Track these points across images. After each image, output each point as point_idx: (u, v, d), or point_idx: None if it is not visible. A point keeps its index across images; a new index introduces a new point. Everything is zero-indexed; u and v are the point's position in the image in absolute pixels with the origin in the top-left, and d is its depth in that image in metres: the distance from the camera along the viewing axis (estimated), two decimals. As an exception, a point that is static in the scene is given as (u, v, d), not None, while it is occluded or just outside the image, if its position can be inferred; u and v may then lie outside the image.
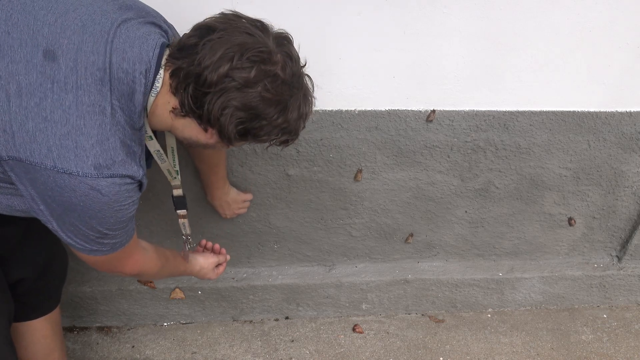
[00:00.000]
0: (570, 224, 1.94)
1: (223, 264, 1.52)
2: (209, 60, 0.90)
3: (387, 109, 1.56)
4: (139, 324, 1.98)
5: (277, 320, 2.05)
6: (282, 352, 1.95)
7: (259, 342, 1.97)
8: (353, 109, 1.54)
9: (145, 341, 1.94)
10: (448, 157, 1.69)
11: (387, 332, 2.05)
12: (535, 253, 2.04)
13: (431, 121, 1.59)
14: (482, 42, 1.45)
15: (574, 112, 1.63)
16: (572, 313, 2.18)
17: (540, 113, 1.62)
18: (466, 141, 1.65)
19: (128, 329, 1.97)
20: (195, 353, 1.92)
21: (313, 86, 1.04)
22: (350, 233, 1.87)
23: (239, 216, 1.73)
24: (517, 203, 1.85)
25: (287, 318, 2.06)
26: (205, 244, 1.51)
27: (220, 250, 1.52)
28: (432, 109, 1.57)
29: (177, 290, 1.90)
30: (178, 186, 1.32)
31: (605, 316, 2.18)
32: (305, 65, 1.03)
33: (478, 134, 1.64)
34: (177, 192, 1.34)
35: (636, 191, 1.87)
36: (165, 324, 2.00)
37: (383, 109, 1.55)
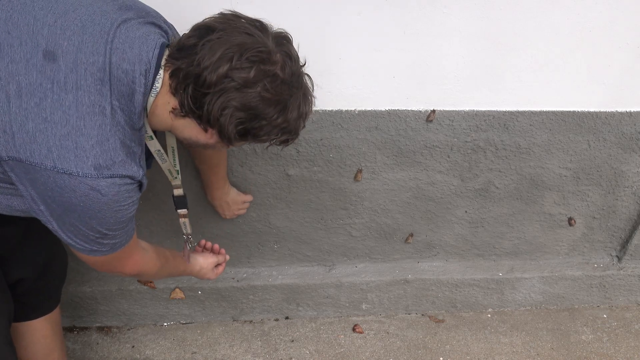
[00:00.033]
0: (570, 224, 1.94)
1: (222, 264, 1.52)
2: (209, 60, 0.90)
3: (387, 109, 1.56)
4: (139, 324, 1.98)
5: (277, 320, 2.05)
6: (282, 352, 1.95)
7: (259, 342, 1.97)
8: (353, 109, 1.54)
9: (145, 341, 1.94)
10: (448, 157, 1.69)
11: (387, 332, 2.05)
12: (535, 253, 2.04)
13: (431, 121, 1.59)
14: (482, 42, 1.45)
15: (574, 112, 1.63)
16: (572, 313, 2.18)
17: (540, 113, 1.62)
18: (466, 141, 1.65)
19: (128, 329, 1.97)
20: (195, 353, 1.92)
21: (313, 85, 1.04)
22: (350, 233, 1.87)
23: (239, 216, 1.73)
24: (517, 203, 1.85)
25: (287, 318, 2.06)
26: (204, 244, 1.52)
27: (219, 250, 1.52)
28: (432, 109, 1.57)
29: (177, 290, 1.90)
30: (179, 186, 1.32)
31: (605, 316, 2.18)
32: (304, 64, 1.03)
33: (478, 134, 1.64)
34: (178, 192, 1.34)
35: (636, 191, 1.87)
36: (165, 324, 2.00)
37: (383, 109, 1.55)
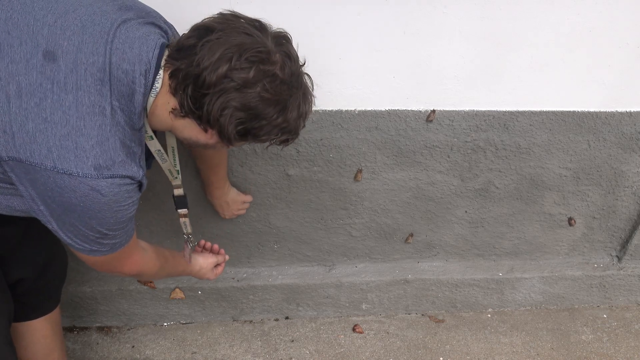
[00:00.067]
0: (570, 224, 1.94)
1: (222, 264, 1.52)
2: (208, 61, 0.90)
3: (387, 109, 1.55)
4: (139, 324, 1.98)
5: (277, 320, 2.05)
6: (282, 352, 1.95)
7: (259, 342, 1.97)
8: (353, 109, 1.54)
9: (145, 341, 1.94)
10: (448, 157, 1.69)
11: (387, 332, 2.05)
12: (535, 253, 2.04)
13: (431, 121, 1.59)
14: (482, 42, 1.45)
15: (574, 112, 1.63)
16: (572, 313, 2.18)
17: (540, 113, 1.62)
18: (466, 141, 1.65)
19: (128, 329, 1.97)
20: (195, 353, 1.92)
21: (312, 85, 1.04)
22: (350, 233, 1.87)
23: (239, 216, 1.73)
24: (517, 203, 1.85)
25: (287, 318, 2.06)
26: (204, 244, 1.52)
27: (219, 250, 1.52)
28: (432, 109, 1.57)
29: (177, 290, 1.90)
30: (179, 186, 1.32)
31: (605, 316, 2.18)
32: (304, 64, 1.03)
33: (478, 134, 1.64)
34: (178, 192, 1.34)
35: (636, 191, 1.87)
36: (165, 324, 2.00)
37: (383, 109, 1.55)
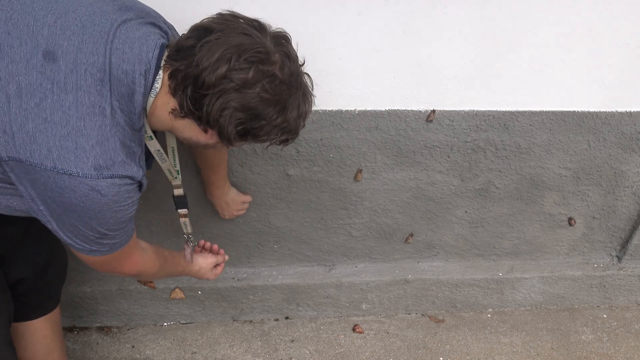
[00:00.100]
0: (570, 224, 1.94)
1: (221, 265, 1.52)
2: (207, 61, 0.90)
3: (387, 109, 1.55)
4: (139, 324, 1.98)
5: (277, 320, 2.05)
6: (282, 352, 1.95)
7: (259, 342, 1.97)
8: (353, 109, 1.54)
9: (145, 341, 1.94)
10: (448, 157, 1.69)
11: (387, 332, 2.05)
12: (535, 253, 2.04)
13: (431, 121, 1.59)
14: (482, 42, 1.45)
15: (574, 112, 1.63)
16: (572, 313, 2.18)
17: (540, 113, 1.62)
18: (466, 141, 1.65)
19: (128, 329, 1.97)
20: (195, 353, 1.92)
21: (312, 85, 1.04)
22: (350, 233, 1.87)
23: (239, 216, 1.73)
24: (517, 203, 1.85)
25: (287, 318, 2.06)
26: (203, 244, 1.52)
27: (218, 250, 1.52)
28: (432, 109, 1.57)
29: (177, 290, 1.90)
30: (179, 186, 1.32)
31: (605, 316, 2.18)
32: (303, 64, 1.02)
33: (478, 134, 1.64)
34: (178, 192, 1.34)
35: (636, 191, 1.87)
36: (165, 324, 2.00)
37: (383, 109, 1.55)
